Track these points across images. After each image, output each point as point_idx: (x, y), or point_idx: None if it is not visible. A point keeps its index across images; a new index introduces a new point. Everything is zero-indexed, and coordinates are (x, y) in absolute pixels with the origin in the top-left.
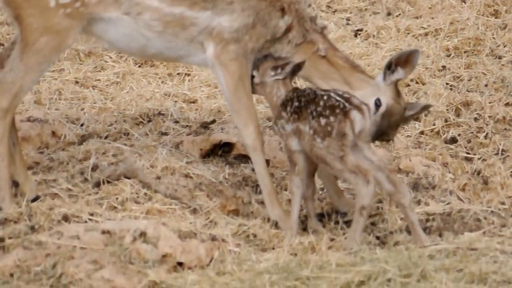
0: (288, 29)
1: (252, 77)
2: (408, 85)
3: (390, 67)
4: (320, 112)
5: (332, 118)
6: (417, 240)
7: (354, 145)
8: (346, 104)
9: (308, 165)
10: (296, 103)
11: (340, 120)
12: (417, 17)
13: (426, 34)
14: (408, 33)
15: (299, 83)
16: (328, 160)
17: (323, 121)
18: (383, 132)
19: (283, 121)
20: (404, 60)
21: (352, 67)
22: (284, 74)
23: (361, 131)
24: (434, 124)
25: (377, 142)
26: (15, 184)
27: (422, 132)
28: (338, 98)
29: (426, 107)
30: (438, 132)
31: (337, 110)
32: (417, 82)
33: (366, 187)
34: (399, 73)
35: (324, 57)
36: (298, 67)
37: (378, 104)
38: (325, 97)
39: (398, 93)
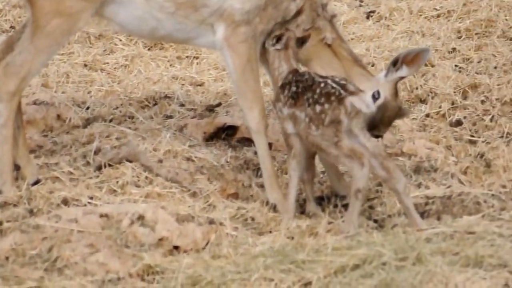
0: (298, 13)
1: None
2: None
3: (395, 64)
4: (316, 99)
5: (326, 106)
6: (413, 224)
7: (349, 130)
8: (342, 91)
9: (307, 149)
10: (293, 88)
11: (334, 107)
12: None
13: (438, 16)
14: (421, 15)
15: None
16: (323, 146)
17: (318, 108)
18: (375, 126)
19: (280, 104)
20: (412, 59)
21: (354, 61)
22: (281, 45)
23: (356, 118)
24: (440, 107)
25: None
26: (17, 167)
27: (427, 115)
28: (334, 85)
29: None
30: (444, 115)
31: (332, 98)
32: (426, 64)
33: (360, 170)
34: (403, 71)
35: (329, 46)
36: (301, 41)
37: (376, 96)
38: (322, 85)
39: (396, 92)
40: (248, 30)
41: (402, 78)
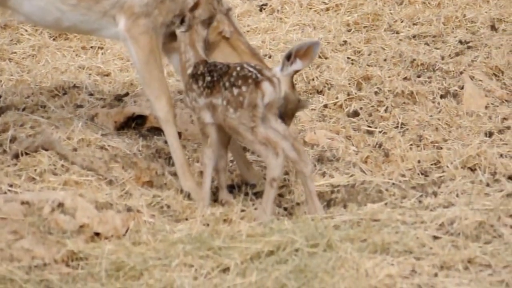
0: (195, 6)
1: None
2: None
3: (289, 58)
4: (233, 82)
5: (244, 88)
6: (313, 210)
7: (263, 116)
8: (259, 75)
9: (221, 137)
10: (208, 78)
11: (251, 91)
12: None
13: (328, 9)
14: (311, 8)
15: None
16: (240, 130)
17: (235, 91)
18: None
19: (194, 94)
20: (304, 52)
21: (252, 54)
22: (185, 26)
23: (271, 103)
24: (337, 98)
25: None
26: None
27: (325, 106)
28: (250, 69)
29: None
30: (341, 106)
31: (249, 80)
32: (320, 57)
33: (275, 159)
34: (297, 64)
35: (227, 39)
36: (207, 23)
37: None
38: (238, 68)
39: (293, 85)
40: (148, 22)
41: (297, 71)
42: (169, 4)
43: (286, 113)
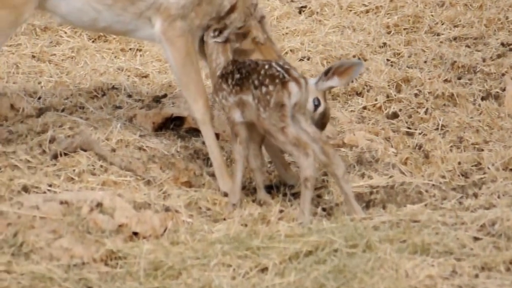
0: (232, 9)
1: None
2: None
3: (327, 74)
4: (261, 81)
5: (271, 87)
6: (351, 211)
7: (293, 116)
8: (286, 75)
9: (254, 136)
10: (237, 75)
11: (278, 90)
12: None
13: (367, 12)
14: (350, 10)
15: None
16: (271, 131)
17: (264, 89)
18: None
19: (225, 93)
20: (344, 70)
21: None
22: (223, 38)
23: (298, 103)
24: (376, 100)
25: None
26: None
27: (365, 107)
28: (278, 69)
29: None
30: (380, 107)
31: (277, 80)
32: (359, 58)
33: (306, 159)
34: (334, 81)
35: (260, 46)
36: (242, 36)
37: (316, 103)
38: (266, 66)
39: (325, 99)
40: (184, 24)
41: (332, 87)
42: (206, 7)
43: (322, 126)
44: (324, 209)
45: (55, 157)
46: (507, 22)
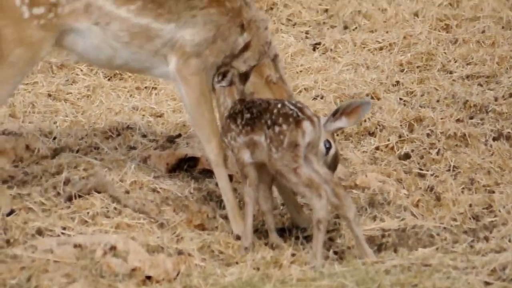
0: (246, 47)
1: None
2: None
3: (335, 115)
4: (274, 120)
5: (284, 126)
6: (363, 254)
7: (305, 156)
8: (299, 114)
9: (265, 177)
10: (247, 115)
11: (292, 129)
12: (372, 31)
13: (381, 48)
14: (364, 47)
15: None
16: (283, 172)
17: (277, 129)
18: None
19: (233, 134)
20: (352, 110)
21: None
22: (227, 82)
23: (311, 143)
24: (388, 140)
25: None
26: None
27: (377, 148)
28: (291, 107)
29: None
30: (392, 148)
31: (290, 119)
32: (372, 97)
33: (319, 201)
34: (342, 122)
35: (271, 85)
36: (244, 77)
37: (327, 146)
38: (279, 105)
39: (334, 140)
40: (199, 62)
41: (340, 128)
42: (221, 44)
43: (333, 168)
44: (335, 253)
45: (69, 199)
46: None
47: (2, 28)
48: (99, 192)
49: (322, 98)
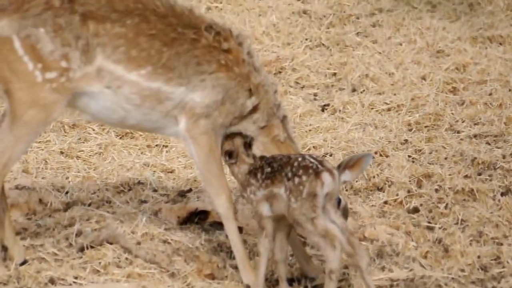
0: (254, 110)
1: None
2: (373, 157)
3: (339, 169)
4: (294, 172)
5: (304, 178)
6: None
7: (323, 207)
8: (319, 166)
9: (282, 228)
10: (268, 169)
11: (311, 180)
12: (380, 93)
13: (389, 109)
14: (372, 108)
15: None
16: (301, 221)
17: (296, 180)
18: None
19: (253, 188)
20: (354, 163)
21: None
22: (235, 159)
23: (329, 194)
24: (397, 195)
25: None
26: (4, 248)
27: (386, 202)
28: (312, 160)
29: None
30: (401, 202)
31: (310, 170)
32: (381, 155)
33: (333, 251)
34: (346, 175)
35: (279, 144)
36: (249, 146)
37: (338, 200)
38: (299, 159)
39: (340, 193)
40: (208, 122)
41: (344, 182)
42: (229, 106)
43: None
44: None
45: (81, 250)
46: None
47: (17, 90)
48: (111, 243)
49: (331, 155)
